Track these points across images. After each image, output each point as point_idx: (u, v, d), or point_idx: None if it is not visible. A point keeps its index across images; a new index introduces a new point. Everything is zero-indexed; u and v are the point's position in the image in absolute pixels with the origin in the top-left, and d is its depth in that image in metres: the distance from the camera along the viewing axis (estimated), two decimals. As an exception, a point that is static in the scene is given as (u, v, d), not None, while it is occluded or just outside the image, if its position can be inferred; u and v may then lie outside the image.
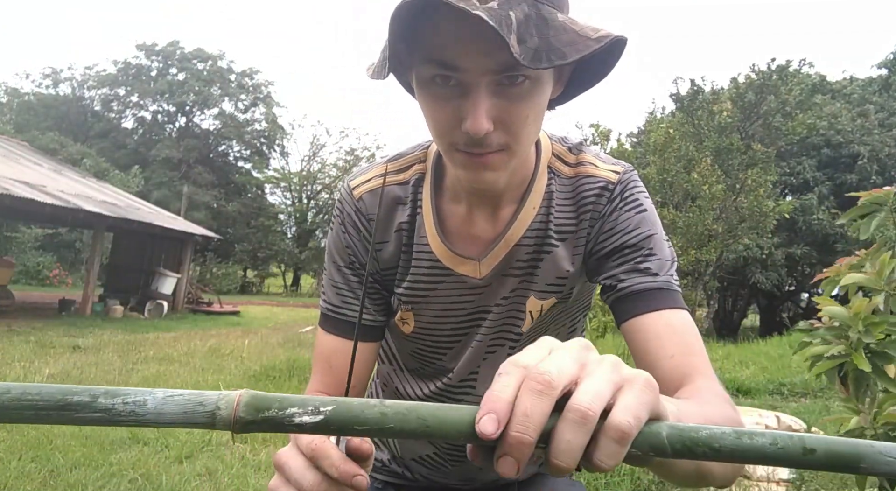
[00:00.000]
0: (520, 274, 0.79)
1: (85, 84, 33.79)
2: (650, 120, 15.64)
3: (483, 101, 0.61)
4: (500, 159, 0.66)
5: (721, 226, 7.51)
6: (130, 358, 7.03)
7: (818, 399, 6.59)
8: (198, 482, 3.26)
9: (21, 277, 19.60)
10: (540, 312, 0.81)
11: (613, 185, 0.77)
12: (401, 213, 0.81)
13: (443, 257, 0.79)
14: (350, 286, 0.83)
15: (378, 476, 0.97)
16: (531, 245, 0.78)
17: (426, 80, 0.64)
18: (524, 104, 0.63)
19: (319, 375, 0.84)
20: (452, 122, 0.64)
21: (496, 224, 0.78)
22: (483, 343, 0.83)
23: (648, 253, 0.74)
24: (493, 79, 0.61)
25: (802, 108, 11.29)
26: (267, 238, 30.89)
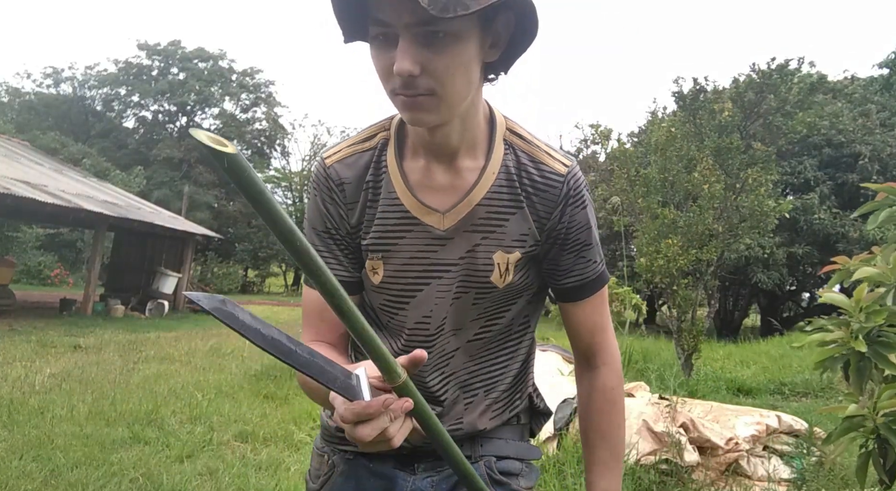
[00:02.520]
0: (483, 230, 0.89)
1: (86, 84, 33.80)
2: (651, 119, 15.63)
3: (407, 47, 0.73)
4: (430, 102, 0.77)
5: (722, 225, 7.50)
6: (131, 358, 7.04)
7: (819, 399, 6.58)
8: (199, 482, 3.26)
9: (22, 277, 19.62)
10: (506, 264, 0.91)
11: (562, 180, 0.90)
12: (368, 171, 0.91)
13: (411, 207, 0.89)
14: (328, 248, 0.94)
15: (349, 448, 0.99)
16: (491, 207, 0.89)
17: (372, 37, 0.77)
18: (446, 54, 0.75)
19: (313, 327, 0.95)
20: (389, 70, 0.76)
21: (452, 176, 0.89)
22: (451, 291, 0.91)
23: (588, 245, 0.94)
24: (418, 31, 0.73)
25: (802, 106, 11.26)
26: (268, 238, 30.87)
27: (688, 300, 7.11)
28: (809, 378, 7.17)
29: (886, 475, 1.50)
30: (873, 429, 1.50)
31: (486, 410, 0.98)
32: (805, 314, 18.09)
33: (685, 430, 3.37)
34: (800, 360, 8.33)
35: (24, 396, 4.69)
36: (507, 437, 1.01)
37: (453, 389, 0.96)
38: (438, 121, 0.81)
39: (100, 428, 4.04)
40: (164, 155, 30.43)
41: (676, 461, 3.20)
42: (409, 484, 0.96)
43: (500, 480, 0.97)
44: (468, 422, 0.96)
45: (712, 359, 9.14)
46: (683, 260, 6.87)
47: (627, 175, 7.93)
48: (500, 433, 1.01)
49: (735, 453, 3.35)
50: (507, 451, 1.01)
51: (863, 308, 1.52)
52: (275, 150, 36.46)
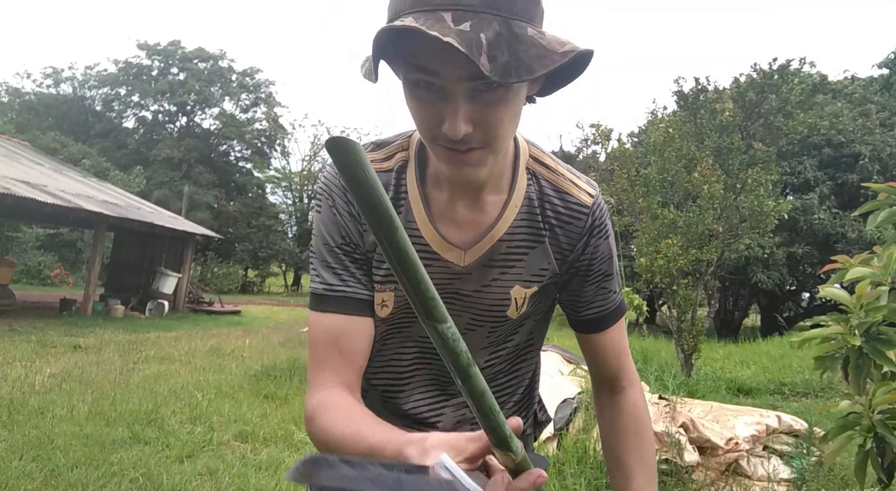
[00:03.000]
0: (502, 265, 0.86)
1: (86, 84, 33.81)
2: (651, 119, 15.64)
3: (461, 106, 0.68)
4: (480, 156, 0.72)
5: (722, 225, 7.50)
6: (131, 358, 7.04)
7: (819, 399, 6.58)
8: (199, 482, 3.26)
9: (22, 277, 19.62)
10: (524, 298, 0.88)
11: (588, 212, 0.87)
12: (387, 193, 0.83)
13: (432, 241, 0.84)
14: (343, 265, 0.84)
15: None
16: (512, 241, 0.85)
17: (412, 82, 0.70)
18: (500, 108, 0.69)
19: (329, 362, 0.82)
20: (434, 122, 0.70)
21: (475, 211, 0.84)
22: (462, 319, 0.88)
23: (609, 275, 0.91)
24: (470, 86, 0.67)
25: (803, 107, 11.26)
26: (268, 238, 30.89)
27: (688, 300, 7.11)
28: (809, 378, 7.17)
29: (885, 473, 1.50)
30: (870, 426, 1.50)
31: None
32: (805, 314, 18.10)
33: (685, 430, 3.37)
34: (800, 360, 8.33)
35: (24, 396, 4.69)
36: None
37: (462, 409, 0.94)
38: (484, 172, 0.76)
39: (100, 428, 4.04)
40: (164, 155, 30.42)
41: (676, 461, 3.20)
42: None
43: None
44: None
45: (712, 359, 9.14)
46: (683, 260, 6.87)
47: (627, 175, 7.93)
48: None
49: (735, 453, 3.35)
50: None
51: (863, 304, 1.52)
52: (275, 150, 36.47)
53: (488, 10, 0.64)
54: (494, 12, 0.64)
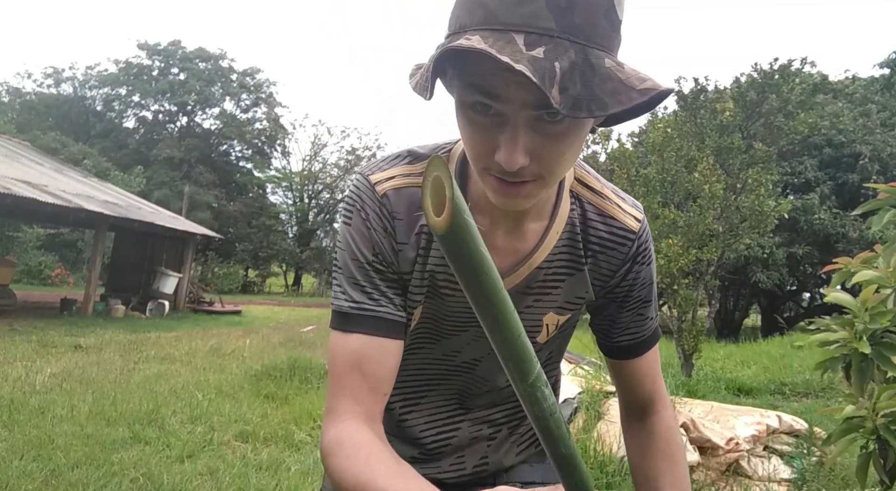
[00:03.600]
0: (537, 293, 0.82)
1: (86, 84, 33.82)
2: (652, 119, 15.63)
3: (520, 136, 0.61)
4: (532, 189, 0.66)
5: (722, 225, 7.49)
6: (132, 357, 7.04)
7: (820, 399, 6.58)
8: (199, 482, 3.26)
9: (23, 277, 19.63)
10: (556, 325, 0.85)
11: (634, 238, 0.82)
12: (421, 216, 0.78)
13: None
14: (372, 283, 0.77)
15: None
16: (550, 269, 0.80)
17: (467, 104, 0.63)
18: (562, 142, 0.63)
19: (350, 390, 0.74)
20: (488, 150, 0.63)
21: (515, 239, 0.79)
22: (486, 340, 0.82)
23: (648, 302, 0.87)
24: (533, 114, 0.60)
25: (804, 107, 11.27)
26: (268, 238, 30.91)
27: (688, 300, 7.11)
28: (810, 378, 7.17)
29: (887, 476, 1.50)
30: (873, 429, 1.50)
31: (511, 447, 0.95)
32: (805, 314, 18.08)
33: (685, 430, 3.37)
34: (800, 360, 8.33)
35: (25, 396, 4.70)
36: (531, 461, 0.98)
37: (478, 426, 0.92)
38: (533, 203, 0.70)
39: (100, 428, 4.04)
40: (165, 155, 30.44)
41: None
42: None
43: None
44: (493, 461, 0.94)
45: (712, 359, 9.14)
46: (684, 260, 6.87)
47: (627, 175, 7.93)
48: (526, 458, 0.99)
49: (735, 453, 3.35)
50: (532, 476, 0.96)
51: (868, 309, 1.51)
52: (275, 150, 36.48)
53: (565, 36, 0.57)
54: (572, 39, 0.57)
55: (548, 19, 0.57)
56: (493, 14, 0.57)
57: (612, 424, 3.49)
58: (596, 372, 4.85)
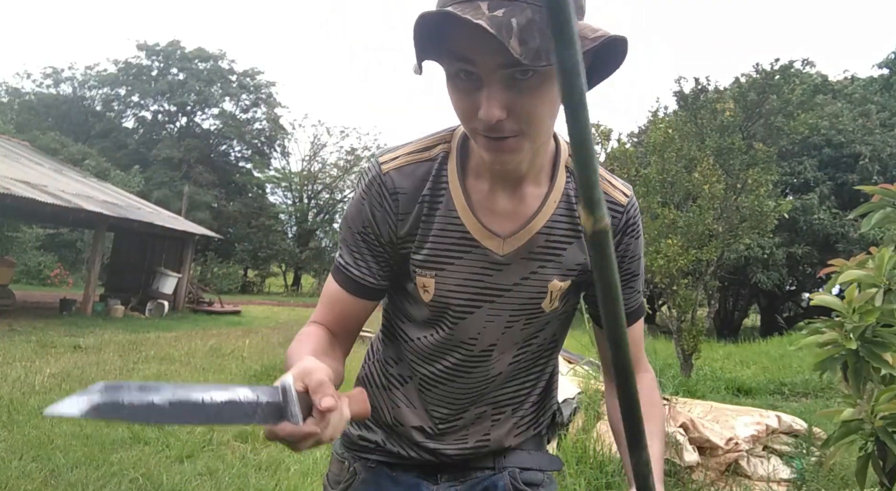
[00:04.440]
0: (541, 258, 0.88)
1: (86, 84, 33.80)
2: (652, 119, 15.64)
3: (495, 93, 0.71)
4: (516, 143, 0.75)
5: (722, 225, 7.49)
6: (131, 358, 7.04)
7: (819, 399, 6.58)
8: (199, 482, 3.26)
9: (22, 277, 19.61)
10: (560, 292, 0.91)
11: (623, 209, 0.91)
12: (426, 183, 0.88)
13: (472, 230, 0.87)
14: (359, 250, 0.90)
15: (371, 456, 1.01)
16: (551, 235, 0.88)
17: (452, 74, 0.74)
18: (534, 95, 0.71)
19: (323, 311, 0.93)
20: (472, 111, 0.73)
21: (515, 202, 0.86)
22: (503, 317, 0.90)
23: (636, 275, 0.95)
24: (505, 73, 0.70)
25: (804, 107, 11.28)
26: (268, 238, 30.89)
27: (688, 300, 7.11)
28: (809, 378, 7.18)
29: (886, 477, 1.50)
30: (872, 432, 1.50)
31: (512, 428, 1.00)
32: (805, 314, 18.07)
33: (685, 430, 3.37)
34: (799, 360, 8.33)
35: (25, 396, 4.69)
36: (528, 448, 1.03)
37: (483, 407, 0.98)
38: (521, 159, 0.80)
39: (100, 428, 4.04)
40: (164, 155, 30.42)
41: (676, 461, 3.20)
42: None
43: (524, 490, 0.99)
44: (495, 438, 0.98)
45: (712, 359, 9.14)
46: (683, 260, 6.87)
47: (627, 175, 7.93)
48: (523, 445, 1.03)
49: (735, 453, 3.35)
50: (530, 462, 1.02)
51: (855, 309, 1.52)
52: (275, 150, 36.46)
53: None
54: (529, 1, 0.66)
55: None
56: None
57: (612, 424, 3.49)
58: (595, 372, 4.85)
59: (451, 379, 0.95)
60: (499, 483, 0.98)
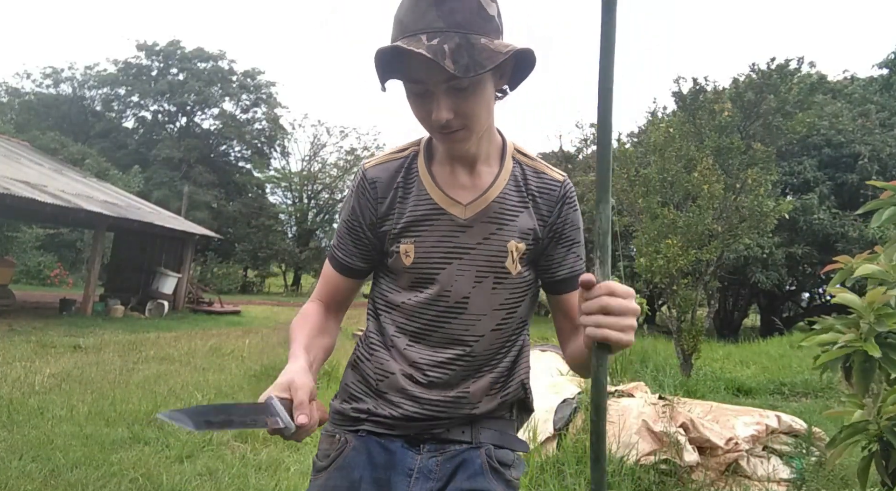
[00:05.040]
0: (498, 222, 1.09)
1: (86, 84, 33.79)
2: (651, 119, 15.63)
3: (441, 101, 0.96)
4: (463, 135, 1.01)
5: (721, 225, 7.49)
6: (131, 358, 7.04)
7: (819, 399, 6.58)
8: (198, 482, 3.26)
9: (22, 277, 19.62)
10: (519, 253, 1.10)
11: (560, 184, 1.14)
12: (399, 174, 1.12)
13: (439, 200, 1.09)
14: (345, 238, 1.16)
15: (362, 427, 1.13)
16: (504, 203, 1.10)
17: (409, 91, 1.00)
18: (470, 99, 0.97)
19: (320, 288, 1.20)
20: (427, 115, 0.99)
21: (473, 178, 1.10)
22: (472, 272, 1.09)
23: (578, 242, 1.15)
24: (447, 85, 0.95)
25: (802, 107, 11.27)
26: (267, 238, 30.88)
27: (688, 300, 7.11)
28: (809, 378, 7.17)
29: (889, 478, 1.50)
30: (877, 432, 1.49)
31: (488, 387, 1.12)
32: (805, 314, 18.08)
33: (685, 430, 3.37)
34: (799, 360, 8.33)
35: (24, 396, 4.69)
36: (501, 429, 1.16)
37: (469, 367, 1.12)
38: (468, 146, 1.04)
39: (99, 428, 4.04)
40: (164, 155, 30.42)
41: (676, 461, 3.20)
42: (417, 462, 1.09)
43: (497, 468, 1.10)
44: (473, 392, 1.11)
45: (712, 359, 9.14)
46: (683, 260, 6.87)
47: (627, 175, 7.93)
48: (495, 425, 1.16)
49: (735, 453, 3.35)
50: (503, 441, 1.15)
51: (875, 310, 1.49)
52: (275, 151, 36.44)
53: (451, 30, 0.92)
54: (455, 30, 0.92)
55: (439, 22, 0.92)
56: (406, 26, 0.94)
57: (612, 423, 3.49)
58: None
59: (434, 329, 1.11)
60: (475, 459, 1.09)
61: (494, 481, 1.08)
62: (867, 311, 1.50)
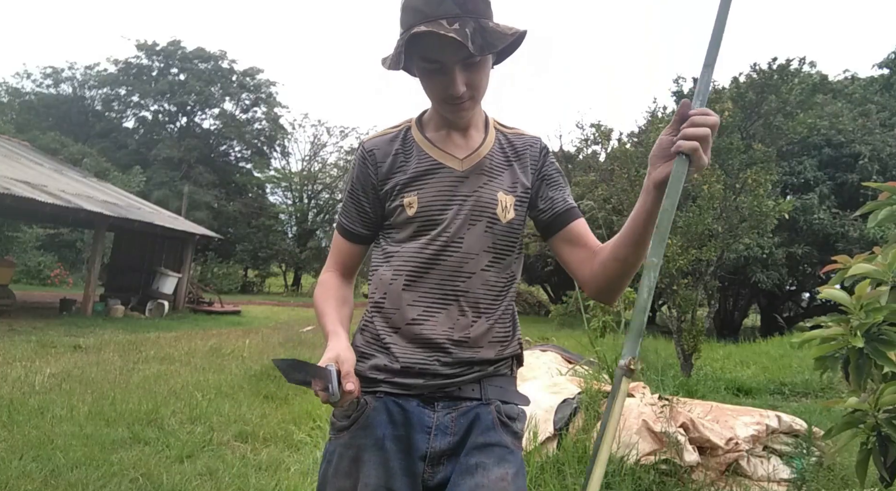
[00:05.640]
0: (489, 174, 1.26)
1: (86, 84, 33.78)
2: (651, 119, 15.62)
3: (458, 76, 1.14)
4: (469, 105, 1.20)
5: (721, 225, 7.49)
6: (131, 358, 7.04)
7: (819, 399, 6.58)
8: (199, 482, 3.26)
9: (22, 277, 19.62)
10: (509, 204, 1.25)
11: (538, 140, 1.35)
12: (395, 143, 1.28)
13: (438, 157, 1.25)
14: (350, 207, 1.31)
15: (379, 388, 1.22)
16: (493, 160, 1.28)
17: (426, 69, 1.16)
18: (479, 73, 1.17)
19: (332, 257, 1.35)
20: (442, 89, 1.16)
21: (465, 140, 1.28)
22: (467, 215, 1.22)
23: (565, 185, 1.33)
24: (462, 63, 1.13)
25: (803, 107, 11.27)
26: (268, 238, 30.88)
27: (688, 300, 7.11)
28: (809, 378, 7.17)
29: (887, 472, 1.50)
30: (874, 425, 1.50)
31: (487, 334, 1.22)
32: (805, 314, 18.08)
33: (685, 430, 3.37)
34: (800, 360, 8.33)
35: (24, 396, 4.69)
36: (504, 385, 1.26)
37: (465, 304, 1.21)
38: (473, 114, 1.24)
39: (100, 428, 4.04)
40: (164, 155, 30.41)
41: (676, 461, 3.20)
42: (433, 420, 1.19)
43: (506, 422, 1.22)
44: (474, 336, 1.20)
45: (712, 359, 9.14)
46: (683, 260, 6.87)
47: (627, 175, 7.93)
48: (500, 381, 1.26)
49: (735, 453, 3.35)
50: (508, 396, 1.26)
51: (863, 305, 1.52)
52: (275, 150, 36.42)
53: (465, 15, 1.11)
54: (469, 16, 1.11)
55: (455, 9, 1.10)
56: (424, 13, 1.10)
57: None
58: (596, 372, 4.85)
59: (433, 265, 1.21)
60: (486, 415, 1.20)
61: (504, 434, 1.20)
62: (856, 306, 1.53)
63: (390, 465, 1.15)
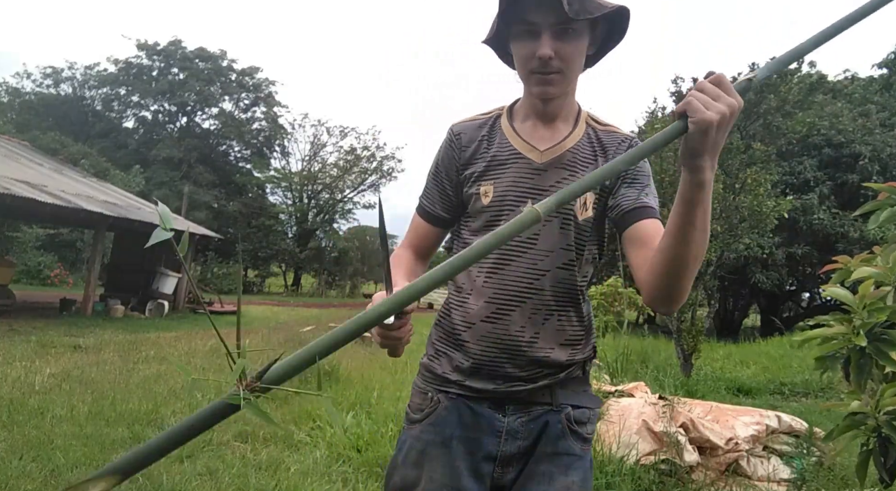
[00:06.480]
0: (569, 169, 1.20)
1: (86, 84, 33.77)
2: (651, 119, 15.62)
3: (547, 39, 1.10)
4: (557, 78, 1.14)
5: (721, 225, 7.49)
6: (131, 358, 7.03)
7: (819, 399, 6.58)
8: (199, 482, 3.25)
9: (22, 277, 19.61)
10: (590, 203, 1.21)
11: (630, 138, 1.25)
12: (483, 129, 1.27)
13: (518, 146, 1.23)
14: (431, 187, 1.31)
15: (451, 389, 1.22)
16: (577, 154, 1.21)
17: (518, 32, 1.14)
18: (572, 44, 1.12)
19: (408, 236, 1.34)
20: (531, 54, 1.12)
21: (550, 131, 1.23)
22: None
23: (648, 185, 1.22)
24: (553, 29, 1.10)
25: (802, 106, 11.28)
26: (268, 238, 30.89)
27: (687, 300, 7.11)
28: (809, 378, 7.18)
29: (887, 473, 1.50)
30: (875, 427, 1.50)
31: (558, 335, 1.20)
32: (805, 314, 18.08)
33: (685, 430, 3.37)
34: (800, 360, 8.33)
35: (24, 396, 4.69)
36: (575, 389, 1.24)
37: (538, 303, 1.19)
38: (559, 93, 1.17)
39: (100, 428, 4.04)
40: (164, 155, 30.41)
41: (676, 461, 3.20)
42: (504, 424, 1.19)
43: (575, 429, 1.21)
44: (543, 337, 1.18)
45: (712, 359, 9.14)
46: (683, 260, 6.85)
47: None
48: (571, 385, 1.24)
49: (735, 453, 3.35)
50: (579, 400, 1.24)
51: (866, 305, 1.51)
52: (275, 150, 36.42)
53: None
54: None
55: None
56: None
57: (612, 424, 3.49)
58: (596, 372, 4.85)
59: (507, 262, 1.19)
60: (556, 423, 1.19)
61: (573, 441, 1.20)
62: (859, 306, 1.53)
63: (456, 464, 1.16)
